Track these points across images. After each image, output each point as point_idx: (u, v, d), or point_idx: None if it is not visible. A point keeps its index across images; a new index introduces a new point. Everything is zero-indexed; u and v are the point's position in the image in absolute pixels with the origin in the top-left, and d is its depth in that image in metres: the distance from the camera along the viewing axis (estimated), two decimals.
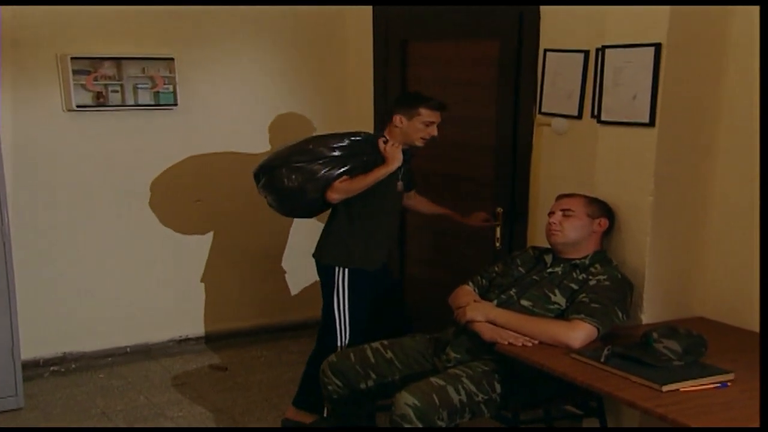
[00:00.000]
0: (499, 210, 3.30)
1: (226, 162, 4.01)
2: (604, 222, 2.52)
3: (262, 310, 4.26)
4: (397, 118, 2.94)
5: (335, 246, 2.99)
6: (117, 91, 3.65)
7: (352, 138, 2.97)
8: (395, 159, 2.89)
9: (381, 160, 2.91)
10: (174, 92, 3.76)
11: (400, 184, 3.03)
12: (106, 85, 3.62)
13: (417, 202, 3.30)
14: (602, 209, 2.53)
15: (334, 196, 2.90)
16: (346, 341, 2.97)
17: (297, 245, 4.21)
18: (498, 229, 3.29)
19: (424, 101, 2.94)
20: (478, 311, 2.43)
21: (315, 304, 3.18)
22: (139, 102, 3.70)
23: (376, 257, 3.02)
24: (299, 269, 4.24)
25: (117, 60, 3.63)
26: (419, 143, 2.97)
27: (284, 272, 4.27)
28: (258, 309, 4.25)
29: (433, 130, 2.96)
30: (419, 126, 2.93)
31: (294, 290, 4.31)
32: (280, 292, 4.29)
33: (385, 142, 2.93)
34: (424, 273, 3.90)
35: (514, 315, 2.39)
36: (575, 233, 2.49)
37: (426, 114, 2.93)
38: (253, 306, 4.24)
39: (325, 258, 3.02)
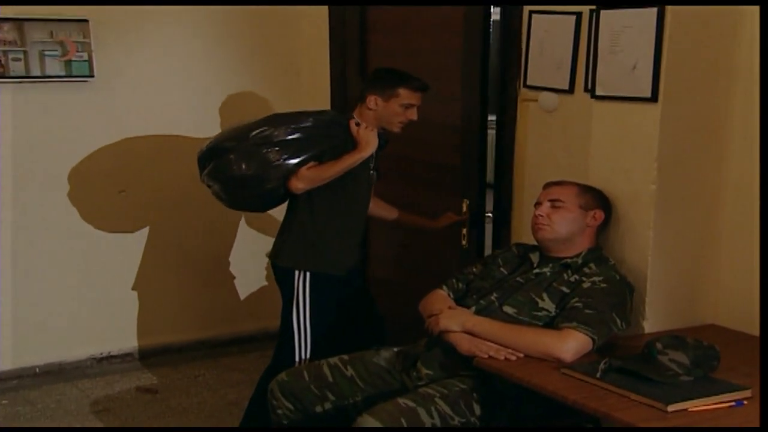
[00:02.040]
0: (465, 203, 3.30)
1: (156, 145, 4.00)
2: (599, 214, 2.52)
3: (201, 322, 4.27)
4: (372, 99, 2.94)
5: (295, 245, 2.98)
6: (19, 60, 3.61)
7: (318, 117, 2.96)
8: (369, 144, 2.89)
9: (352, 144, 2.90)
10: (89, 61, 3.74)
11: (373, 174, 3.03)
12: (5, 52, 3.58)
13: (373, 204, 3.20)
14: (597, 200, 2.54)
15: (300, 185, 2.89)
16: (307, 358, 2.97)
17: (246, 244, 4.24)
18: (464, 227, 3.29)
19: (404, 81, 2.94)
20: (454, 320, 2.43)
21: (267, 314, 3.21)
22: (47, 73, 3.67)
23: (344, 259, 3.02)
24: (249, 273, 4.28)
25: (18, 21, 3.57)
26: (396, 129, 2.98)
27: (231, 276, 4.28)
28: (197, 320, 4.26)
29: (413, 114, 2.97)
30: (397, 109, 2.94)
31: (241, 297, 4.33)
32: (224, 300, 4.30)
33: (357, 125, 2.93)
34: (388, 275, 3.91)
35: (495, 323, 2.39)
36: (565, 227, 2.50)
37: (405, 95, 2.94)
38: (190, 316, 4.25)
39: (283, 260, 3.01)
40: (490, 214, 3.34)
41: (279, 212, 3.14)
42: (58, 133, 3.80)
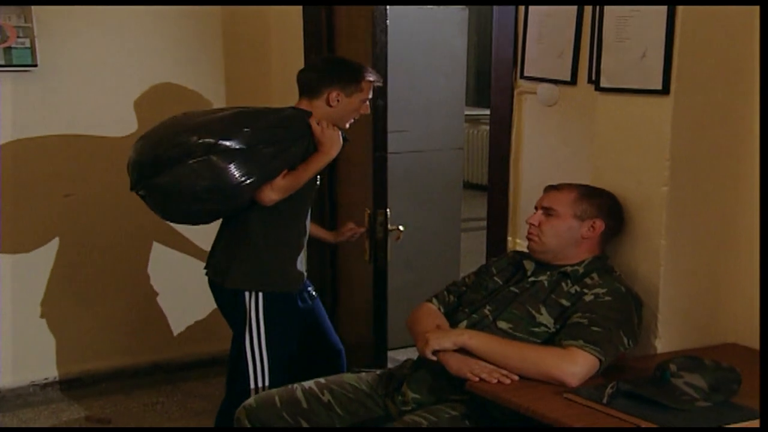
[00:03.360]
0: (367, 211, 3.31)
1: (108, 144, 3.97)
2: (599, 224, 2.52)
3: (157, 343, 4.25)
4: (334, 96, 2.92)
5: (245, 264, 2.96)
6: None
7: (280, 115, 2.93)
8: (334, 145, 2.89)
9: (311, 146, 2.89)
10: (32, 49, 3.72)
11: (318, 178, 3.03)
12: None
13: None
14: (598, 207, 2.54)
15: (274, 196, 2.86)
16: (265, 386, 2.96)
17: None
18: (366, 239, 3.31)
19: (366, 74, 2.96)
20: (446, 338, 2.40)
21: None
22: None
23: (297, 274, 3.02)
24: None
25: None
26: (346, 126, 3.00)
27: (190, 292, 4.22)
28: (152, 341, 4.24)
29: (366, 108, 3.00)
30: (357, 104, 2.97)
31: (202, 315, 4.30)
32: (183, 318, 4.28)
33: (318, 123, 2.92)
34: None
35: (494, 339, 2.38)
36: (555, 240, 2.52)
37: (367, 89, 2.97)
38: (145, 337, 4.22)
39: (231, 281, 2.97)
40: (401, 228, 3.35)
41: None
42: None
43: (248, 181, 2.80)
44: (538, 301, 2.45)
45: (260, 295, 2.94)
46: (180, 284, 4.21)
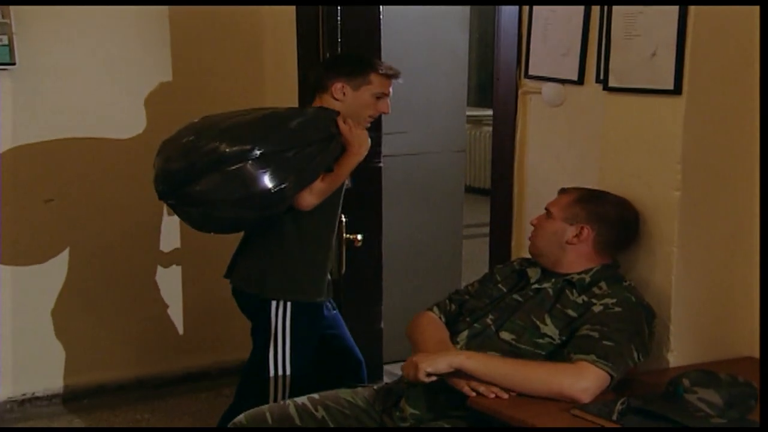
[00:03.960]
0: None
1: (91, 147, 3.98)
2: (587, 231, 2.50)
3: (142, 356, 4.24)
4: (338, 88, 2.93)
5: (277, 273, 2.96)
6: None
7: (308, 116, 2.93)
8: (363, 144, 2.91)
9: (338, 146, 2.89)
10: (10, 46, 3.71)
11: (348, 181, 3.04)
12: None
13: None
14: (591, 213, 2.51)
15: (313, 200, 2.89)
16: (285, 398, 2.95)
17: (193, 264, 4.22)
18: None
19: (376, 65, 2.96)
20: (441, 359, 2.34)
21: (220, 346, 3.21)
22: None
23: (323, 283, 3.03)
24: (197, 297, 4.24)
25: None
26: (365, 123, 2.99)
27: (176, 301, 4.24)
28: (137, 353, 4.23)
29: (385, 106, 3.00)
30: (368, 99, 2.96)
31: (189, 326, 4.29)
32: (169, 329, 4.27)
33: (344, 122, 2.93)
34: None
35: (493, 359, 2.35)
36: (542, 242, 2.56)
37: (378, 83, 2.96)
38: (129, 349, 4.21)
39: (259, 289, 2.97)
40: (359, 237, 3.32)
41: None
42: None
43: (286, 187, 2.81)
44: (543, 310, 2.44)
45: (288, 304, 2.95)
46: (163, 297, 4.21)
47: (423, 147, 4.51)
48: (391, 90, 3.00)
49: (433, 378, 2.33)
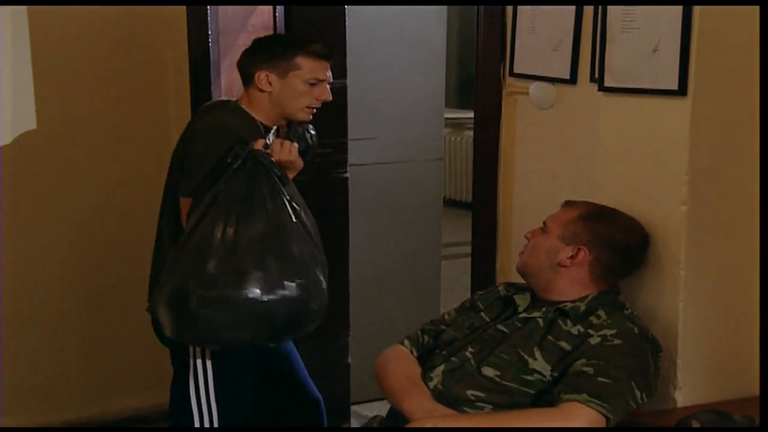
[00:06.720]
0: None
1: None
2: (583, 254, 2.50)
3: (80, 395, 4.22)
4: (262, 77, 2.90)
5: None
6: None
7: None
8: (296, 163, 2.84)
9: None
10: None
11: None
12: None
13: None
14: (592, 234, 2.51)
15: None
16: None
17: (141, 287, 4.12)
18: None
19: (303, 45, 2.91)
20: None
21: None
22: None
23: None
24: (146, 327, 4.13)
25: None
26: (304, 116, 2.95)
27: (121, 332, 4.21)
28: (74, 393, 4.21)
29: (324, 93, 2.94)
30: (300, 87, 2.91)
31: (135, 361, 4.26)
32: (113, 365, 4.24)
33: (276, 136, 2.86)
34: None
35: (463, 420, 2.34)
36: (532, 258, 2.56)
37: (308, 66, 2.90)
38: (65, 388, 4.18)
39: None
40: None
41: None
42: None
43: None
44: (533, 343, 2.43)
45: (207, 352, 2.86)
46: (106, 328, 4.21)
47: (395, 155, 4.50)
48: (329, 74, 2.93)
49: None
